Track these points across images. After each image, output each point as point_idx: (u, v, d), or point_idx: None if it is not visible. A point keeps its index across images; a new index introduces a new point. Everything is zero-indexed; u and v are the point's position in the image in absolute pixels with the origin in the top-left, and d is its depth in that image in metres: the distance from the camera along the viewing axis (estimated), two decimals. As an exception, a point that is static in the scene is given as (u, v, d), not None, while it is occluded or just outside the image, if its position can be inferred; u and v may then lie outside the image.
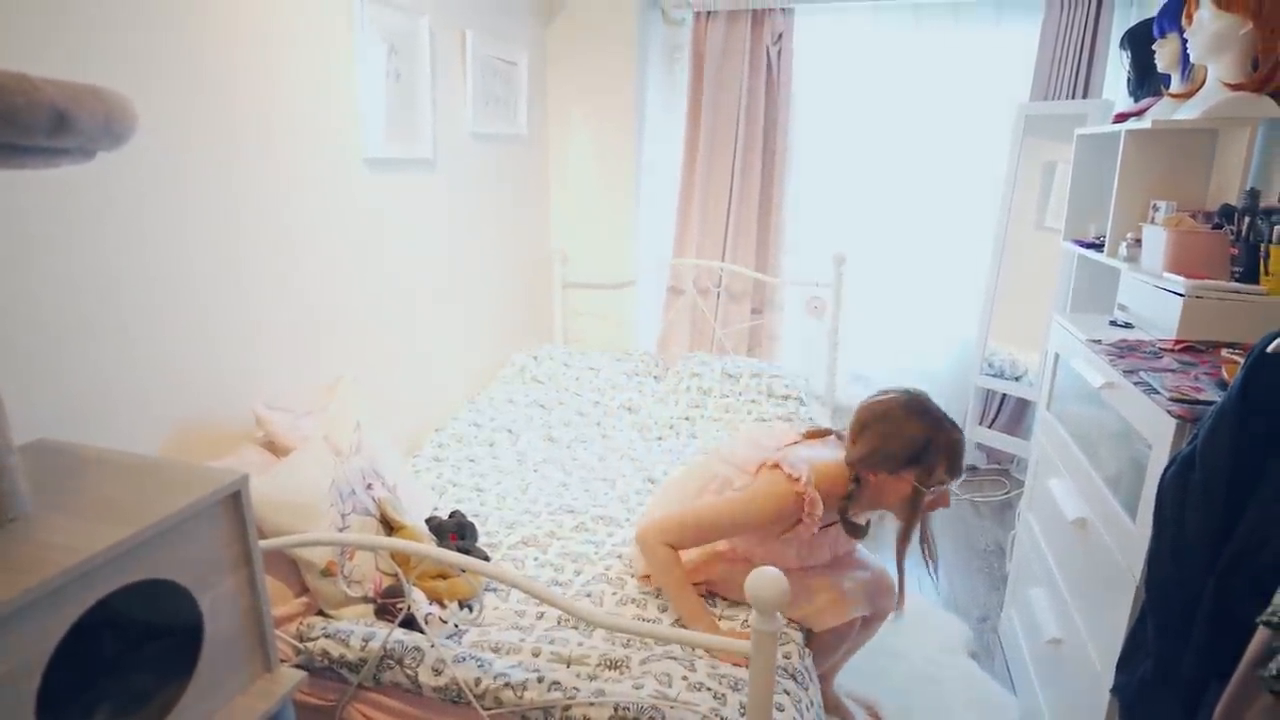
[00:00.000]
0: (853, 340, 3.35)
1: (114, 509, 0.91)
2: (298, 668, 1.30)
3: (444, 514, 1.96)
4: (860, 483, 1.57)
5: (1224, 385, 1.33)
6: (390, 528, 1.71)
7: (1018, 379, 3.25)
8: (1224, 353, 1.51)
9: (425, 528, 1.83)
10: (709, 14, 3.31)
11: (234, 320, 1.77)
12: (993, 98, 3.22)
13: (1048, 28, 3.05)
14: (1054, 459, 1.98)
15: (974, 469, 3.50)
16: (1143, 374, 1.47)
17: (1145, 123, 2.04)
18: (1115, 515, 1.50)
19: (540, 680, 1.34)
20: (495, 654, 1.48)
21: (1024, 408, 3.34)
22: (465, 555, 1.46)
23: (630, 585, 1.76)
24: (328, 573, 1.55)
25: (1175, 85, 2.18)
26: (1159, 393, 1.36)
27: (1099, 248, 2.31)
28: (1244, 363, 1.08)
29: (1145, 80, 2.45)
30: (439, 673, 1.36)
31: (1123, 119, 2.31)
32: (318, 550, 1.54)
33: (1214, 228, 1.88)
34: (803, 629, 1.64)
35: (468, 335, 2.90)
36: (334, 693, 1.42)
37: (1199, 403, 1.28)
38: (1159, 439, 1.32)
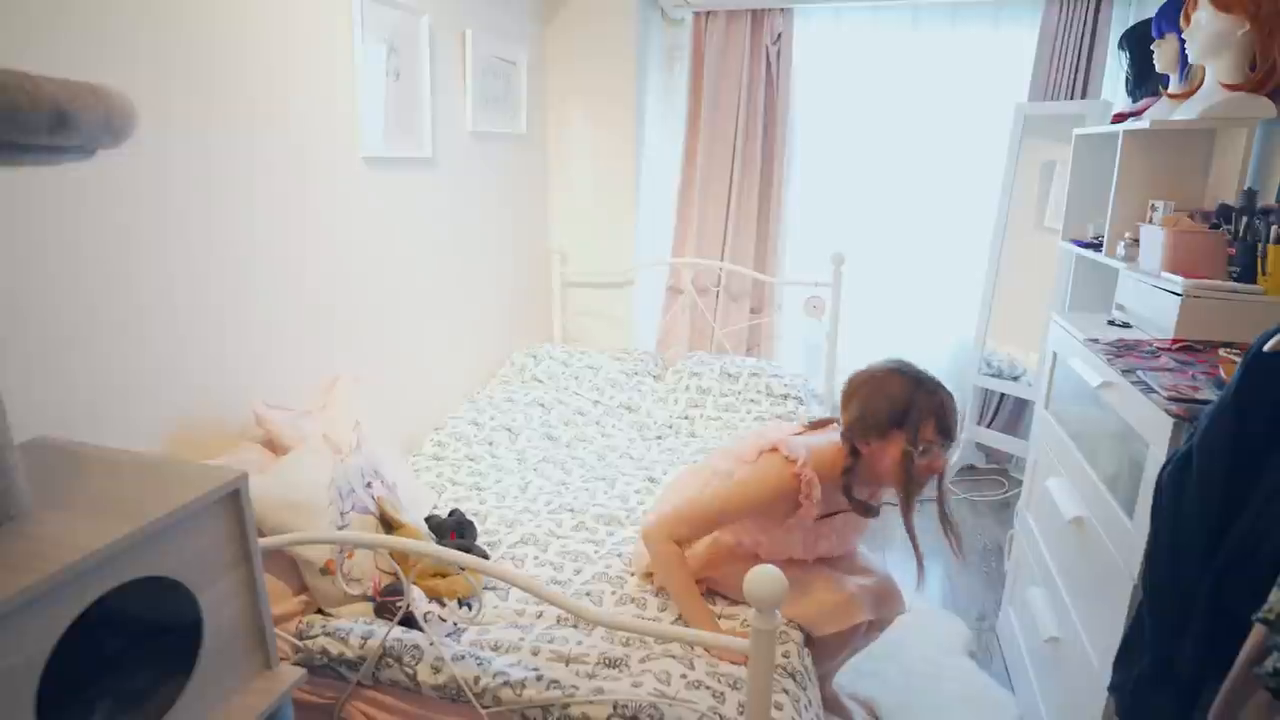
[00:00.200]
0: (852, 340, 3.35)
1: (113, 507, 0.91)
2: (297, 665, 1.30)
3: (443, 512, 1.96)
4: (857, 455, 1.58)
5: (1221, 384, 1.33)
6: (389, 526, 1.71)
7: (1016, 378, 3.25)
8: (1221, 352, 1.51)
9: (424, 526, 1.83)
10: (708, 14, 3.31)
11: (233, 319, 1.77)
12: (991, 98, 3.22)
13: (1046, 28, 3.06)
14: (1052, 458, 1.98)
15: (972, 468, 3.51)
16: (1140, 373, 1.47)
17: (1143, 123, 2.04)
18: (1113, 514, 1.51)
19: (539, 678, 1.34)
20: (494, 652, 1.48)
21: (1022, 407, 3.34)
22: (464, 553, 1.46)
23: (630, 584, 1.76)
24: (327, 571, 1.55)
25: (1173, 85, 2.18)
26: (1156, 392, 1.36)
27: (1097, 247, 2.31)
28: (1241, 361, 1.08)
29: (1144, 80, 2.45)
30: (438, 671, 1.36)
31: (1121, 119, 2.31)
32: (317, 548, 1.55)
33: (1212, 227, 1.88)
34: (804, 630, 1.64)
35: (467, 334, 2.90)
36: (333, 691, 1.42)
37: (1196, 402, 1.28)
38: (1157, 438, 1.32)
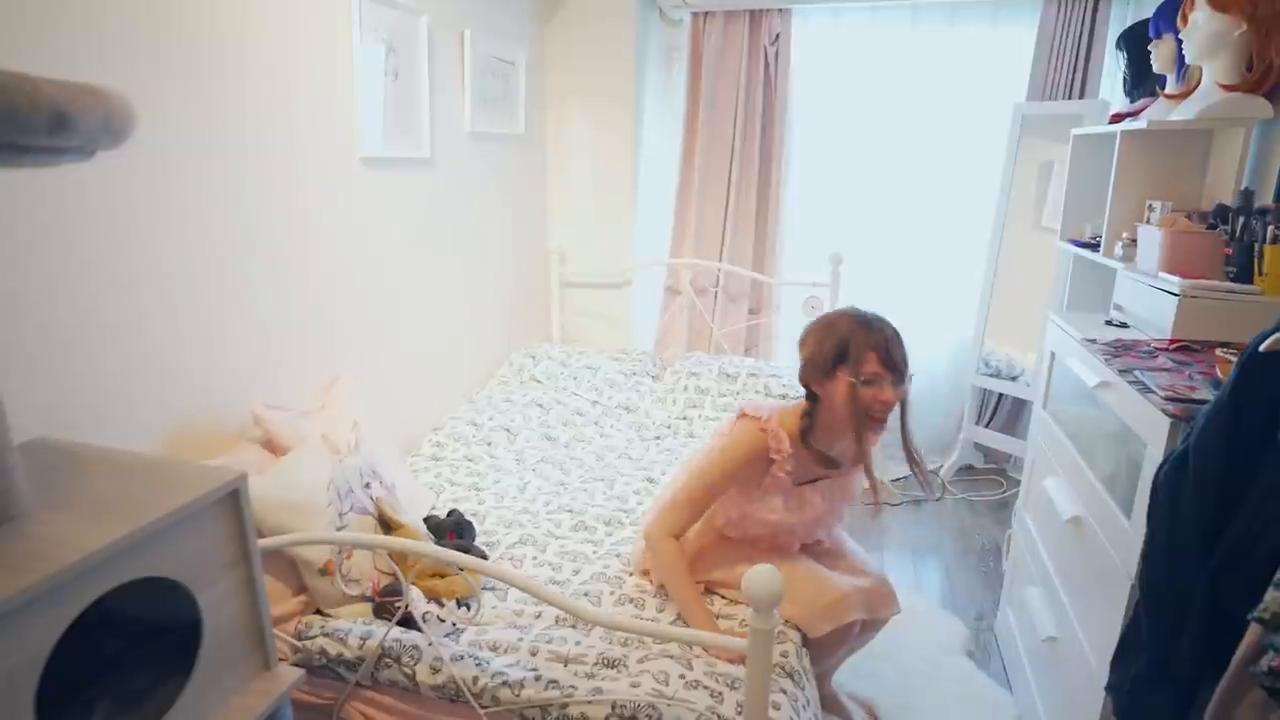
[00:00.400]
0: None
1: (113, 507, 0.91)
2: (296, 666, 1.31)
3: (442, 513, 1.96)
4: (815, 401, 1.63)
5: (1218, 384, 1.33)
6: (388, 526, 1.71)
7: (1014, 378, 3.25)
8: (1218, 352, 1.51)
9: (423, 526, 1.83)
10: (707, 14, 3.32)
11: (232, 319, 1.77)
12: (989, 98, 3.22)
13: (1044, 28, 3.06)
14: (1050, 458, 1.99)
15: (971, 468, 3.51)
16: (1138, 373, 1.47)
17: (1141, 123, 2.05)
18: (1111, 514, 1.51)
19: (538, 678, 1.34)
20: (493, 652, 1.48)
21: (1021, 407, 3.34)
22: (463, 554, 1.46)
23: (628, 584, 1.76)
24: (326, 571, 1.56)
25: (1171, 86, 2.19)
26: (1154, 392, 1.36)
27: (1095, 248, 2.32)
28: (1237, 361, 1.09)
29: (1141, 81, 2.46)
30: (437, 671, 1.36)
31: (1119, 119, 2.32)
32: (316, 549, 1.55)
33: (1209, 228, 1.88)
34: (800, 630, 1.64)
35: (465, 334, 2.90)
36: (332, 691, 1.42)
37: (1193, 401, 1.29)
38: (1154, 438, 1.33)
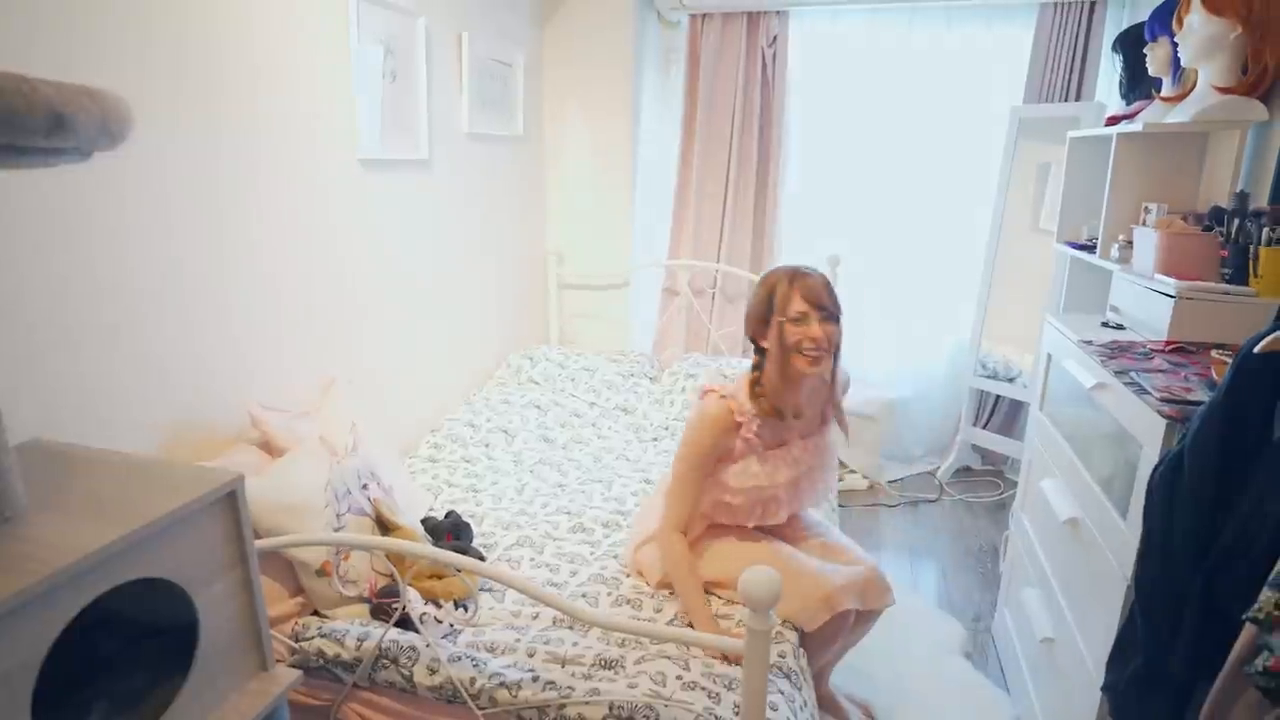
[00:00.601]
0: (847, 341, 3.34)
1: (109, 508, 0.91)
2: (293, 667, 1.31)
3: (439, 514, 1.96)
4: (763, 355, 1.69)
5: (1214, 385, 1.34)
6: (385, 528, 1.71)
7: (1011, 380, 3.26)
8: (1214, 353, 1.52)
9: (421, 528, 1.83)
10: (704, 16, 3.32)
11: (229, 320, 1.77)
12: (986, 100, 3.23)
13: (1041, 31, 3.08)
14: (1047, 459, 1.99)
15: (968, 470, 3.52)
16: (1134, 375, 1.48)
17: (1137, 126, 2.05)
18: (1107, 515, 1.51)
19: (535, 679, 1.34)
20: (490, 653, 1.48)
21: (1018, 409, 3.35)
22: (461, 555, 1.46)
23: (625, 585, 1.76)
24: (323, 573, 1.56)
25: (1166, 89, 2.20)
26: (1149, 393, 1.37)
27: (1091, 249, 2.32)
28: (1231, 363, 1.09)
29: (1137, 83, 2.47)
30: (434, 672, 1.36)
31: (1114, 122, 2.33)
32: (313, 550, 1.55)
33: (1204, 230, 1.89)
34: (796, 628, 1.64)
35: (463, 336, 2.90)
36: (329, 692, 1.42)
37: (1189, 403, 1.29)
38: (1150, 439, 1.33)
